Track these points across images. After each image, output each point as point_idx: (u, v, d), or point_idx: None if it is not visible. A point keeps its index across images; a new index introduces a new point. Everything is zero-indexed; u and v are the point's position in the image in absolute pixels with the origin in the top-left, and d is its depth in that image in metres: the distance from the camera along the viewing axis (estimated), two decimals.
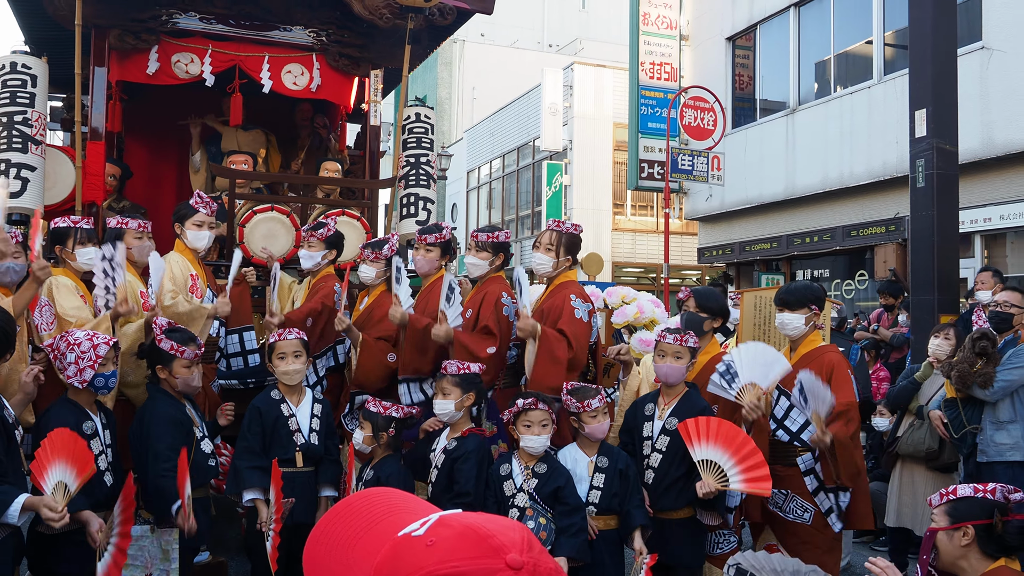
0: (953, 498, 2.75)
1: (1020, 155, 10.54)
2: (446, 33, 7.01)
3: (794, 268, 15.07)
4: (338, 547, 0.96)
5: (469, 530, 0.90)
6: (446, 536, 0.90)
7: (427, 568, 0.87)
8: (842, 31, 13.80)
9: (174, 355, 3.99)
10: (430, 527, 0.91)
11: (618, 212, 22.85)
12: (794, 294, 4.30)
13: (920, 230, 7.12)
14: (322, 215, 5.92)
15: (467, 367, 4.04)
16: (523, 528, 0.95)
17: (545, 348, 4.20)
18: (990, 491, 2.72)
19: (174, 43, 6.17)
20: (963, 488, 2.76)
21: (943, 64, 7.15)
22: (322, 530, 1.00)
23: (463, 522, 0.92)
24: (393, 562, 0.89)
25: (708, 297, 4.61)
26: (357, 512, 0.99)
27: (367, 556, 0.92)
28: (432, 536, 0.90)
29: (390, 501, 1.01)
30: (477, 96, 30.38)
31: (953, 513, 2.72)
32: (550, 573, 0.91)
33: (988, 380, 5.09)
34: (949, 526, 2.71)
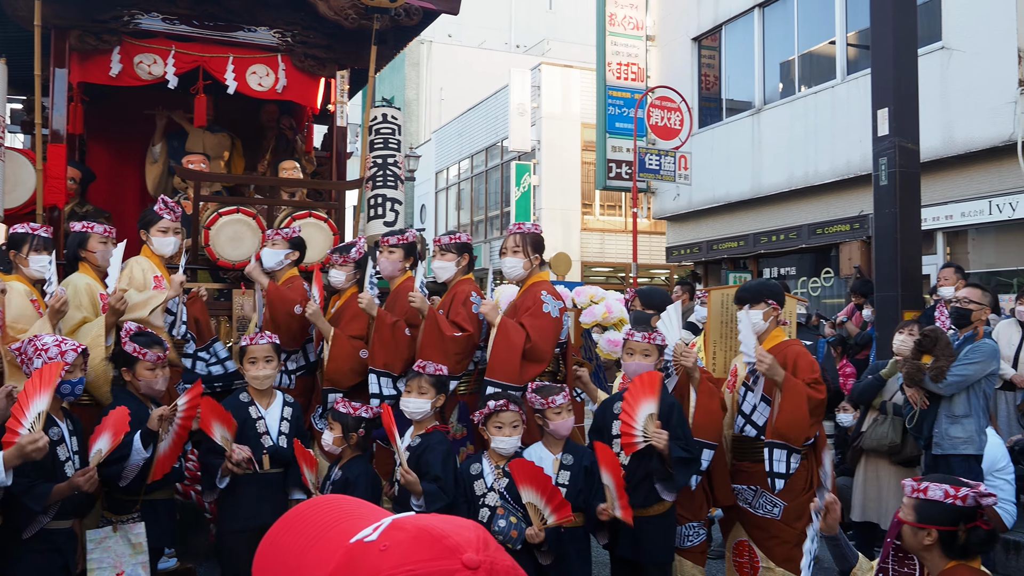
0: (923, 497, 2.73)
1: (980, 153, 10.72)
2: (412, 34, 7.00)
3: (761, 266, 15.21)
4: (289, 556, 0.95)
5: (423, 532, 0.90)
6: (400, 540, 0.89)
7: (381, 573, 0.86)
8: (806, 31, 13.95)
9: (137, 357, 3.99)
10: (383, 531, 0.90)
11: (587, 212, 22.93)
12: (750, 291, 4.38)
13: (883, 227, 7.22)
14: (289, 217, 5.89)
15: (441, 369, 4.08)
16: (478, 527, 0.94)
17: (502, 334, 4.27)
18: (960, 497, 2.68)
19: (136, 44, 6.10)
20: (935, 489, 2.72)
21: (904, 64, 7.26)
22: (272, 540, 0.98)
23: (417, 524, 0.91)
24: (347, 569, 0.88)
25: (651, 295, 4.85)
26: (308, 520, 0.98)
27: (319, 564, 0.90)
28: (386, 541, 0.89)
29: (341, 508, 0.99)
30: (445, 97, 30.33)
31: (921, 512, 2.73)
32: (507, 571, 0.90)
33: (940, 374, 5.18)
34: (915, 523, 2.74)
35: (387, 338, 4.55)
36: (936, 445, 5.33)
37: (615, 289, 6.71)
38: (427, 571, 0.86)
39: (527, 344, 4.28)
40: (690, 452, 3.89)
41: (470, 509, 3.80)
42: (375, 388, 4.54)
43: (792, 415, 4.01)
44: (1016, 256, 11.02)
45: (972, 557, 2.71)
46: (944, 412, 5.32)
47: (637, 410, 3.83)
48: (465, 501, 3.83)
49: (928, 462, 5.44)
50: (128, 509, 4.04)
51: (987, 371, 5.29)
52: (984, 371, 5.28)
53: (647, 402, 3.83)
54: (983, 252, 11.63)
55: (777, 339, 4.33)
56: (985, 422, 5.42)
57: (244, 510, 4.05)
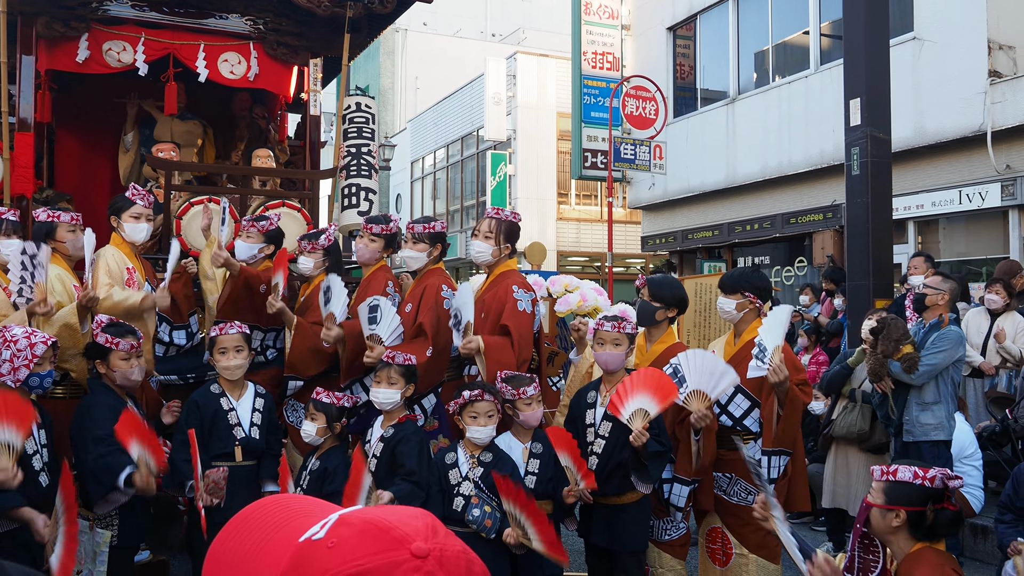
0: (892, 479, 2.78)
1: (951, 143, 10.84)
2: (386, 22, 6.95)
3: (735, 255, 15.30)
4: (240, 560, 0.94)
5: (370, 525, 0.89)
6: (347, 535, 0.88)
7: (330, 571, 0.85)
8: (780, 22, 14.01)
9: (110, 348, 3.94)
10: (330, 528, 0.90)
11: (562, 201, 22.95)
12: (731, 279, 4.35)
13: (855, 217, 7.28)
14: (262, 206, 5.84)
15: (410, 359, 4.03)
16: (426, 514, 0.94)
17: (492, 359, 4.17)
18: (929, 478, 2.73)
19: (105, 31, 6.01)
20: (904, 471, 2.77)
21: (876, 54, 7.31)
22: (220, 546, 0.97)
23: (363, 518, 0.90)
24: (296, 569, 0.87)
25: (662, 286, 4.44)
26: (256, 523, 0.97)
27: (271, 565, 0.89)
28: (333, 537, 0.88)
29: (289, 508, 0.98)
30: (420, 86, 30.20)
31: (890, 493, 2.77)
32: (457, 556, 0.90)
33: (913, 364, 5.25)
34: (883, 505, 2.78)
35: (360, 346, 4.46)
36: (907, 432, 5.41)
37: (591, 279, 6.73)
38: (375, 565, 0.85)
39: (517, 356, 4.22)
40: (663, 445, 3.89)
41: (445, 498, 3.80)
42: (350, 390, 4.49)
43: (792, 424, 4.06)
44: (986, 245, 11.16)
45: (938, 539, 2.75)
46: (914, 399, 5.40)
47: (632, 396, 3.78)
48: (440, 491, 3.83)
49: (898, 448, 5.52)
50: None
51: (954, 358, 5.37)
52: (952, 358, 5.36)
53: (651, 401, 3.77)
54: (954, 241, 11.78)
55: (755, 332, 4.34)
56: (954, 408, 5.50)
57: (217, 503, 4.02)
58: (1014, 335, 6.94)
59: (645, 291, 4.45)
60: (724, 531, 4.26)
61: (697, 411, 3.87)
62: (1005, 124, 10.08)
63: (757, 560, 4.16)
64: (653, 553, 4.26)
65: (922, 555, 2.72)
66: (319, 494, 3.94)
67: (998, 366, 6.99)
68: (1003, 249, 10.62)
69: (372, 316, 4.27)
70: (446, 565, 0.89)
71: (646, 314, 4.40)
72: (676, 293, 4.46)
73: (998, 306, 7.06)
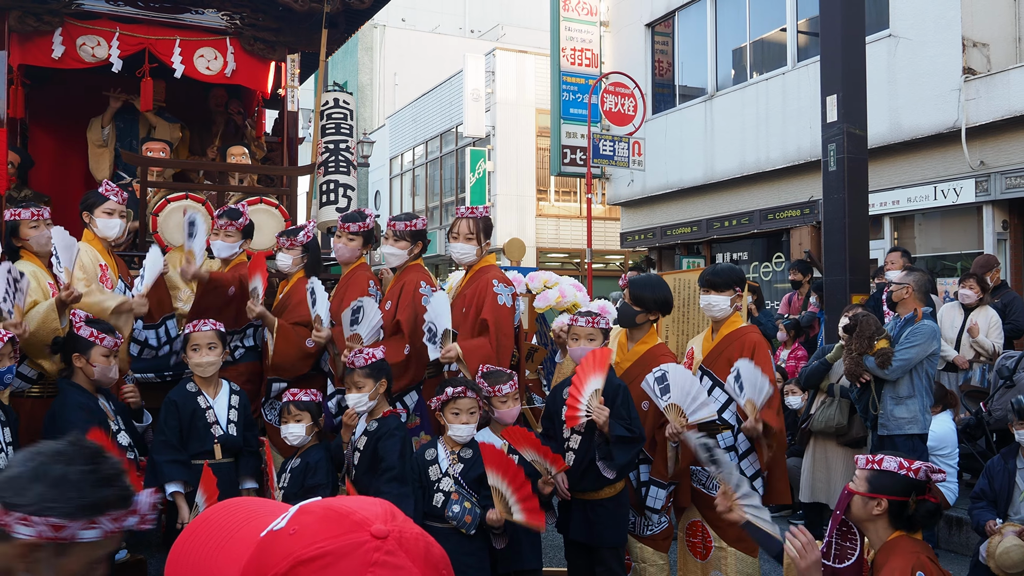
0: (877, 468, 2.82)
1: (926, 139, 10.93)
2: (364, 17, 6.93)
3: (714, 251, 15.37)
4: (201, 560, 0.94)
5: (330, 511, 0.91)
6: (308, 522, 0.90)
7: (293, 555, 0.87)
8: (757, 19, 14.08)
9: (93, 342, 3.90)
10: (291, 517, 0.92)
11: (542, 198, 22.96)
12: (721, 275, 4.35)
13: (832, 212, 7.33)
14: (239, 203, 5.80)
15: (372, 355, 3.99)
16: (383, 502, 0.96)
17: (474, 361, 4.16)
18: (914, 470, 2.78)
19: (79, 25, 5.95)
20: (890, 460, 2.82)
21: (852, 51, 7.36)
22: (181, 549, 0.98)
23: (323, 505, 0.93)
24: (259, 558, 0.89)
25: (643, 289, 4.36)
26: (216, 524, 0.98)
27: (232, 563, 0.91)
28: (294, 525, 0.90)
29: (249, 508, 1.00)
30: (399, 82, 30.10)
31: (873, 482, 2.81)
32: (416, 538, 0.92)
33: (887, 360, 5.31)
34: (866, 493, 2.81)
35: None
36: (882, 426, 5.47)
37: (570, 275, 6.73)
38: (337, 547, 0.88)
39: (497, 351, 4.23)
40: (631, 432, 3.90)
41: (425, 495, 3.81)
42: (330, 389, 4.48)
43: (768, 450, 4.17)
44: (961, 240, 11.28)
45: (915, 530, 2.79)
46: (889, 394, 5.45)
47: (584, 385, 3.85)
48: (419, 487, 3.82)
49: (875, 442, 5.57)
50: None
51: (928, 352, 5.42)
52: (925, 352, 5.41)
53: (594, 378, 3.84)
54: (929, 237, 11.89)
55: (735, 325, 4.37)
56: (928, 402, 5.56)
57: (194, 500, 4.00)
58: (987, 329, 7.03)
59: (627, 292, 4.42)
60: (704, 524, 4.30)
61: (673, 424, 3.93)
62: (979, 121, 10.19)
63: (735, 553, 4.19)
64: (635, 547, 4.28)
65: (898, 543, 2.75)
66: (300, 488, 3.93)
67: (972, 360, 7.08)
68: (977, 244, 10.73)
69: (354, 318, 4.28)
70: (405, 546, 0.91)
71: (626, 317, 4.40)
72: (659, 296, 4.37)
73: (971, 301, 7.15)
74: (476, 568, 3.77)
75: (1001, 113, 9.95)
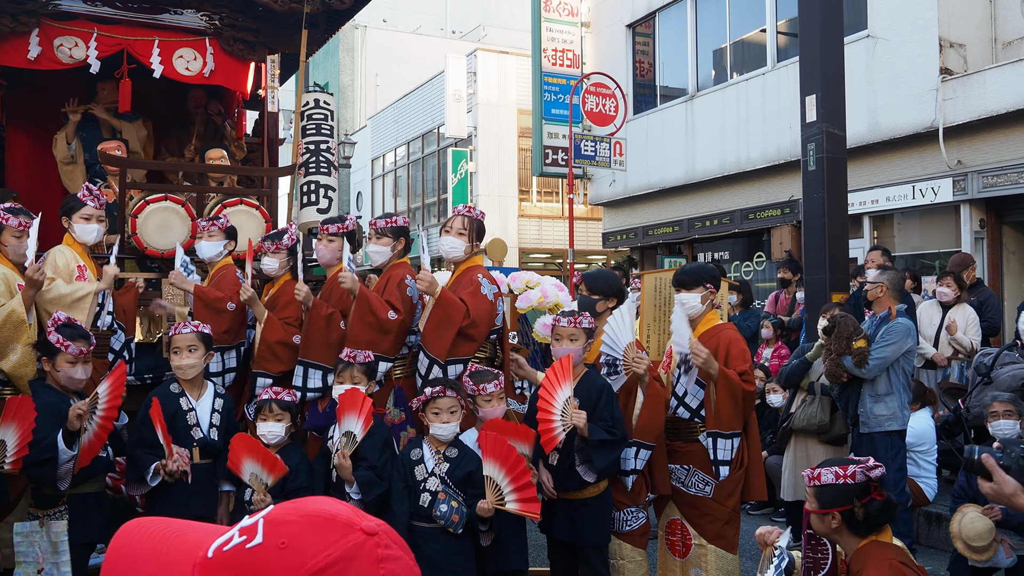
0: (818, 483, 2.83)
1: (904, 139, 11.02)
2: (344, 18, 6.90)
3: (695, 251, 15.43)
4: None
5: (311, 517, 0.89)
6: (295, 532, 0.87)
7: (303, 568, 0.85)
8: (737, 19, 14.15)
9: (59, 349, 3.89)
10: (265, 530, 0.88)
11: (524, 198, 22.98)
12: (689, 274, 4.42)
13: (811, 212, 7.38)
14: (219, 204, 5.77)
15: (368, 355, 4.04)
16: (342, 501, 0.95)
17: (440, 310, 4.23)
18: (850, 475, 2.78)
19: (56, 26, 5.90)
20: (825, 473, 2.82)
21: (831, 52, 7.41)
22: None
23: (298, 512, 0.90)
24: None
25: (596, 279, 4.71)
26: (137, 555, 0.93)
27: None
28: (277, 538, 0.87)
29: (162, 528, 0.95)
30: (380, 83, 30.05)
31: (820, 498, 2.84)
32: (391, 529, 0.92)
33: (863, 359, 5.35)
34: (818, 510, 2.83)
35: (322, 329, 4.49)
36: (862, 424, 5.51)
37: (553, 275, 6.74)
38: (343, 551, 0.86)
39: (465, 320, 4.26)
40: (613, 434, 3.91)
41: (411, 494, 3.81)
42: (299, 380, 4.47)
43: (730, 408, 4.14)
44: (939, 239, 11.38)
45: (879, 530, 2.80)
46: (867, 392, 5.49)
47: (554, 400, 3.84)
48: (405, 487, 3.82)
49: (855, 440, 5.61)
50: (54, 503, 3.95)
51: (904, 349, 5.46)
52: (901, 349, 5.45)
53: (561, 389, 3.84)
54: (908, 236, 11.99)
55: (711, 322, 4.40)
56: (907, 399, 5.61)
57: (174, 502, 3.98)
58: (965, 327, 7.10)
59: (583, 286, 4.62)
60: (683, 522, 4.32)
61: (631, 358, 4.00)
62: (956, 120, 10.28)
63: (715, 551, 4.21)
64: (614, 544, 4.29)
65: (869, 551, 2.77)
66: (281, 492, 3.92)
67: (950, 357, 7.14)
68: (955, 243, 10.83)
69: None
70: (392, 536, 0.90)
71: (587, 307, 4.47)
72: (611, 283, 4.61)
73: (949, 299, 7.21)
74: (464, 567, 3.78)
75: (978, 113, 10.05)
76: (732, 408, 4.14)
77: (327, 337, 4.47)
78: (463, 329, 4.28)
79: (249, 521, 0.90)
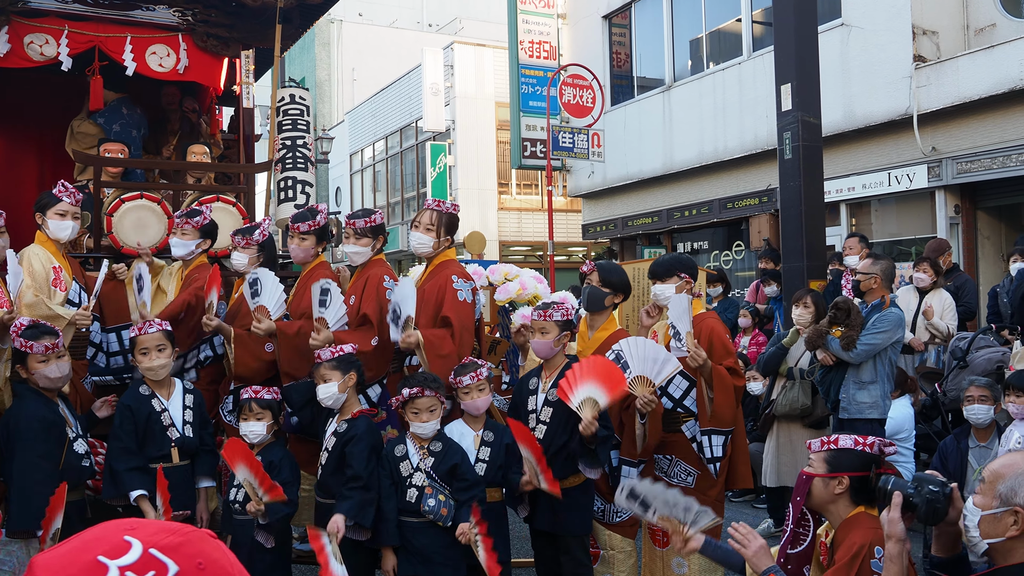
0: (834, 447, 2.88)
1: (879, 127, 11.10)
2: (318, 12, 6.87)
3: (675, 241, 15.49)
4: None
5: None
6: (195, 551, 0.94)
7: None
8: (713, 10, 14.20)
9: (26, 352, 3.81)
10: (175, 560, 0.93)
11: (503, 191, 22.96)
12: (663, 265, 4.44)
13: (788, 200, 7.42)
14: (195, 201, 5.73)
15: (340, 349, 3.99)
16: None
17: (432, 352, 4.16)
18: (869, 444, 2.86)
19: (26, 23, 5.84)
20: (844, 439, 2.89)
21: (805, 41, 7.45)
22: None
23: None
24: None
25: (611, 272, 4.50)
26: None
27: None
28: (193, 559, 0.93)
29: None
30: (357, 77, 29.91)
31: (832, 462, 2.87)
32: None
33: (851, 343, 5.40)
34: (826, 474, 2.86)
35: (296, 346, 4.38)
36: (843, 410, 5.55)
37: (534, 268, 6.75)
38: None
39: (454, 344, 4.21)
40: (608, 429, 3.94)
41: (397, 491, 3.81)
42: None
43: (725, 405, 4.15)
44: (915, 225, 11.48)
45: (875, 504, 2.85)
46: (852, 378, 5.53)
47: (581, 385, 3.81)
48: (392, 483, 3.82)
49: (835, 426, 5.66)
50: None
51: (893, 339, 5.51)
52: (891, 339, 5.50)
53: (601, 391, 3.79)
54: (885, 222, 12.09)
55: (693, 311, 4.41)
56: (890, 388, 5.65)
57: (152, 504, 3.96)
58: (941, 312, 7.17)
59: (594, 276, 4.47)
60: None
61: (642, 396, 3.92)
62: (930, 107, 10.37)
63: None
64: (603, 535, 4.31)
65: (859, 519, 2.81)
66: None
67: (927, 342, 7.21)
68: (931, 229, 10.93)
69: (323, 300, 4.26)
70: None
71: (596, 299, 4.41)
72: (623, 278, 4.53)
73: (926, 284, 7.28)
74: (455, 560, 3.78)
75: (951, 99, 10.14)
76: (727, 405, 4.16)
77: (301, 352, 4.37)
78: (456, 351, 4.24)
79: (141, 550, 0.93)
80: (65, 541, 0.96)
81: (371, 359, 4.30)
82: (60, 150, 6.91)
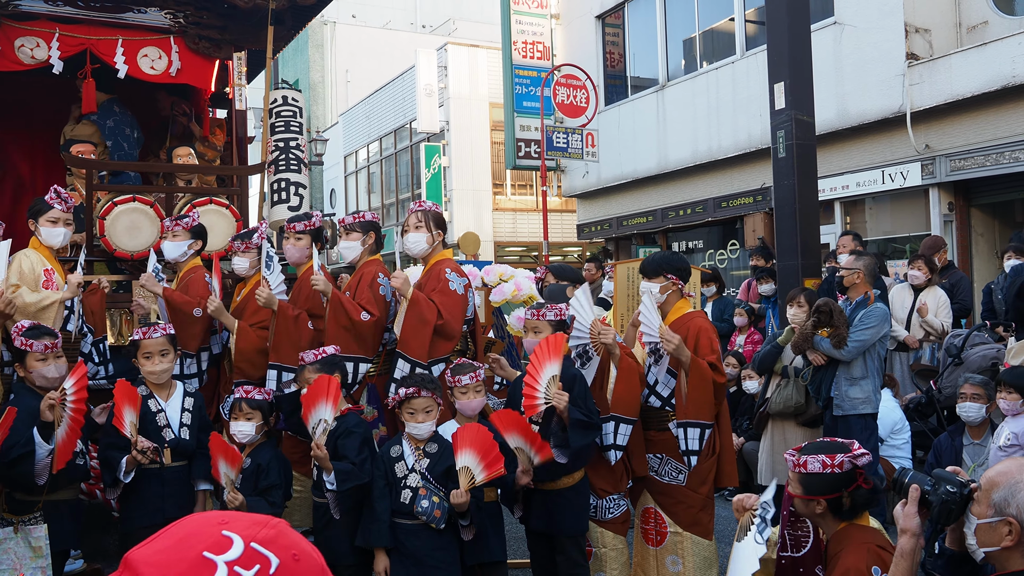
0: (804, 471, 2.82)
1: (872, 125, 11.12)
2: (311, 13, 6.85)
3: (670, 240, 15.49)
4: None
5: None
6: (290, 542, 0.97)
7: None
8: (706, 9, 14.20)
9: (25, 351, 3.90)
10: (273, 552, 0.95)
11: (498, 192, 22.94)
12: (651, 264, 4.45)
13: (782, 198, 7.42)
14: (188, 204, 5.72)
15: (323, 351, 4.03)
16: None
17: (415, 311, 4.24)
18: (837, 465, 2.77)
19: (17, 26, 5.82)
20: (812, 462, 2.80)
21: (798, 39, 7.45)
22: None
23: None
24: None
25: (561, 269, 5.06)
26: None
27: None
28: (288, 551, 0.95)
29: None
30: (351, 79, 29.87)
31: (806, 485, 2.83)
32: None
33: (841, 341, 5.41)
34: (803, 496, 2.84)
35: (290, 331, 4.46)
36: (837, 407, 5.56)
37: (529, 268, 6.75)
38: None
39: (439, 321, 4.28)
40: (589, 418, 3.93)
41: (392, 491, 3.80)
42: (272, 384, 4.45)
43: (700, 398, 4.14)
44: (909, 223, 11.50)
45: (859, 515, 2.83)
46: (843, 375, 5.55)
47: (540, 372, 3.88)
48: (386, 484, 3.82)
49: (828, 423, 5.66)
50: (29, 509, 3.91)
51: (881, 334, 5.54)
52: (879, 334, 5.53)
53: (550, 364, 3.87)
54: (879, 220, 12.10)
55: (681, 311, 4.41)
56: (880, 382, 5.67)
57: (148, 506, 3.96)
58: (936, 309, 7.17)
59: (549, 277, 4.81)
60: (657, 510, 4.34)
61: (595, 332, 4.06)
62: (923, 105, 10.38)
63: (691, 537, 4.24)
64: (596, 532, 4.31)
65: (848, 534, 2.78)
66: (253, 490, 3.91)
67: (922, 339, 7.22)
68: (925, 226, 10.95)
69: (268, 263, 4.53)
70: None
71: (558, 293, 4.61)
72: (575, 271, 4.93)
73: (920, 281, 7.29)
74: (448, 562, 3.78)
75: (944, 97, 10.16)
76: (702, 397, 4.14)
77: (296, 338, 4.44)
78: (438, 328, 4.29)
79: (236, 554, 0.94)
80: (154, 537, 0.96)
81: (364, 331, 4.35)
82: (52, 153, 6.89)
